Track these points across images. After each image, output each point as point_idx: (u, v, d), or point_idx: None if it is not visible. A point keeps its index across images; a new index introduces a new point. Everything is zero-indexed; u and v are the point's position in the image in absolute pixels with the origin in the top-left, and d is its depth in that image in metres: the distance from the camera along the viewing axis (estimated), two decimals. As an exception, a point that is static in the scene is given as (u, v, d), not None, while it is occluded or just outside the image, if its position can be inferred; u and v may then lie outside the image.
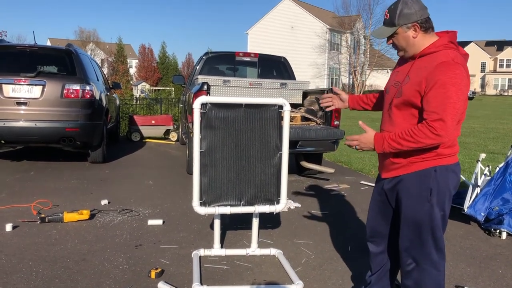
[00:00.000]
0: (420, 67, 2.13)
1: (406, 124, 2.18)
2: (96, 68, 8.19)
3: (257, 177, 3.22)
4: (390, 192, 2.36)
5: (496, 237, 4.08)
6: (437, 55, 2.10)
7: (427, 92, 2.05)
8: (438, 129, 2.01)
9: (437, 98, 2.01)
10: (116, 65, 35.80)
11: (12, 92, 6.19)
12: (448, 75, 2.01)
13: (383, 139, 2.18)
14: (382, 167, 2.39)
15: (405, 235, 2.29)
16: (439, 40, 2.16)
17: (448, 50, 2.11)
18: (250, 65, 8.02)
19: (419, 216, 2.22)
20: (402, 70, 2.26)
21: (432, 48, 2.14)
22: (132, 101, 14.60)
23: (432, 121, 2.02)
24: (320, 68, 44.06)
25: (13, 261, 3.24)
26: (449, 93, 2.00)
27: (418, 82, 2.10)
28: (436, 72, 2.04)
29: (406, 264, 2.31)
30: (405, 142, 2.10)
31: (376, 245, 2.55)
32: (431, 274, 2.26)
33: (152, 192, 5.42)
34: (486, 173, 4.62)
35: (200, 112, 3.08)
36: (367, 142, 2.24)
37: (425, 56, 2.15)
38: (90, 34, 58.35)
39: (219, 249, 3.49)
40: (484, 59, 68.56)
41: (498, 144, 10.70)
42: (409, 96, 2.14)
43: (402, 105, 2.19)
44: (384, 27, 2.23)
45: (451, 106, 2.00)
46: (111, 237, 3.80)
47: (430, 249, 2.24)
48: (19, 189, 5.38)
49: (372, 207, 2.54)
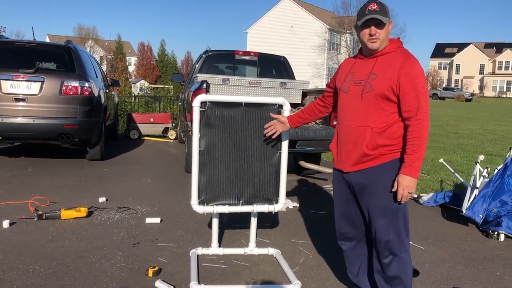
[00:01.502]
0: (384, 65, 2.35)
1: (376, 117, 2.35)
2: (95, 65, 8.17)
3: (256, 177, 3.21)
4: (358, 185, 2.47)
5: (494, 239, 4.08)
6: (396, 54, 2.36)
7: (402, 86, 2.28)
8: (424, 119, 2.26)
9: (413, 91, 2.26)
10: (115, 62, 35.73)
11: (10, 88, 6.16)
12: (417, 68, 2.30)
13: (410, 167, 2.28)
14: (347, 161, 2.48)
15: (381, 226, 2.42)
16: (393, 42, 2.42)
17: (404, 49, 2.41)
18: (250, 64, 8.00)
19: (393, 203, 2.38)
20: (360, 70, 2.44)
21: (389, 48, 2.39)
22: (131, 98, 14.58)
23: (417, 115, 2.26)
24: (319, 68, 44.06)
25: (10, 257, 3.23)
26: (421, 84, 2.28)
27: (389, 77, 2.30)
28: (406, 68, 2.28)
29: (384, 257, 2.46)
30: (420, 149, 2.26)
31: (349, 242, 2.71)
32: (408, 261, 2.46)
33: (150, 190, 5.41)
34: (485, 175, 4.63)
35: (199, 111, 3.07)
36: (410, 184, 2.29)
37: (385, 55, 2.38)
38: (89, 31, 58.38)
39: (217, 248, 3.48)
40: (483, 61, 68.69)
41: (496, 146, 10.72)
42: (381, 90, 2.32)
43: (373, 98, 2.35)
44: (382, 16, 2.33)
45: (425, 96, 2.28)
46: (108, 235, 3.79)
47: (403, 236, 2.43)
48: (16, 185, 5.36)
49: (337, 208, 2.70)
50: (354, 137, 2.41)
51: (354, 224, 2.64)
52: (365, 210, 2.50)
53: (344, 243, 2.72)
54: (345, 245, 2.72)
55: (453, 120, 19.18)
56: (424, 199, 5.20)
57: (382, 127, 2.34)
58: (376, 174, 2.39)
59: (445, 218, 4.69)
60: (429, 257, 3.60)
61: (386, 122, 2.34)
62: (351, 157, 2.45)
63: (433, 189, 5.79)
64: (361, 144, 2.38)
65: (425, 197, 5.23)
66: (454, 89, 54.71)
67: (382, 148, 2.36)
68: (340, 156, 2.53)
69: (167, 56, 45.48)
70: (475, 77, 68.81)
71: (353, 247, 2.70)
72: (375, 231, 2.45)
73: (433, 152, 9.20)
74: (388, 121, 2.34)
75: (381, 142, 2.35)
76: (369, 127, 2.36)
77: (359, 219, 2.61)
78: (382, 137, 2.35)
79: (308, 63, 42.90)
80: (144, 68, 49.41)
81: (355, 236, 2.67)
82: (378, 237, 2.44)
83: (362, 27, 2.37)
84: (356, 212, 2.60)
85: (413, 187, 2.29)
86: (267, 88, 6.25)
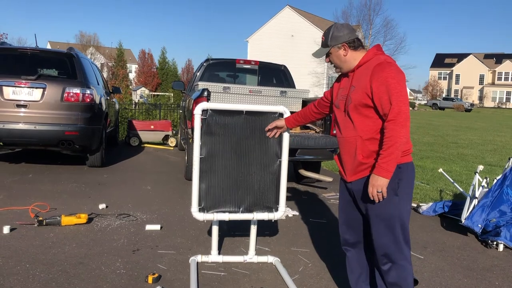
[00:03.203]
0: (360, 75, 2.44)
1: (363, 125, 2.42)
2: (96, 72, 8.21)
3: (256, 184, 3.23)
4: (359, 192, 2.52)
5: (493, 249, 4.08)
6: (371, 62, 2.43)
7: (374, 91, 2.33)
8: (396, 120, 2.26)
9: (386, 94, 2.30)
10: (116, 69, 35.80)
11: (12, 95, 6.20)
12: (387, 71, 2.33)
13: (379, 167, 2.30)
14: (348, 171, 2.55)
15: (378, 233, 2.45)
16: (369, 52, 2.49)
17: (378, 55, 2.45)
18: (250, 72, 8.05)
19: (389, 210, 2.40)
20: (344, 86, 2.57)
21: (365, 59, 2.47)
22: (131, 106, 14.61)
23: (389, 116, 2.28)
24: (320, 77, 44.16)
25: (10, 263, 3.24)
26: (393, 85, 2.30)
27: (363, 86, 2.39)
28: (376, 72, 2.34)
29: (382, 264, 2.49)
30: (392, 148, 2.27)
31: (352, 248, 2.74)
32: (407, 269, 2.47)
33: (150, 197, 5.42)
34: (484, 185, 4.64)
35: (200, 118, 3.10)
36: (378, 183, 2.30)
37: (362, 66, 2.47)
38: (90, 38, 58.60)
39: (216, 256, 3.48)
40: (482, 71, 68.91)
41: (495, 156, 10.74)
42: (359, 99, 2.40)
43: (354, 109, 2.44)
44: (321, 48, 2.57)
45: (398, 96, 2.28)
46: (108, 242, 3.79)
47: (401, 244, 2.44)
48: (17, 191, 5.37)
49: (341, 215, 2.74)
50: (348, 148, 2.50)
51: (356, 230, 2.68)
52: (366, 217, 2.55)
53: (348, 248, 2.75)
54: (349, 251, 2.75)
55: (453, 130, 19.22)
56: (423, 209, 5.21)
57: (371, 133, 2.40)
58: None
59: (444, 228, 4.70)
60: (428, 266, 3.61)
61: (374, 128, 2.40)
62: (349, 167, 2.53)
63: (432, 199, 5.80)
64: (355, 154, 2.46)
65: (424, 207, 5.24)
66: (453, 99, 54.86)
67: (376, 154, 2.39)
68: (342, 167, 2.63)
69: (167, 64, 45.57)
70: (474, 87, 68.97)
71: (356, 253, 2.73)
72: (373, 237, 2.49)
73: (432, 162, 9.22)
74: (376, 126, 2.40)
75: (374, 148, 2.40)
76: (359, 136, 2.43)
77: (360, 226, 2.66)
78: (373, 143, 2.40)
79: (308, 72, 43.01)
80: (144, 76, 49.51)
81: (357, 242, 2.70)
82: (376, 244, 2.48)
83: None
84: (358, 219, 2.64)
85: (382, 186, 2.30)
86: (267, 97, 6.29)
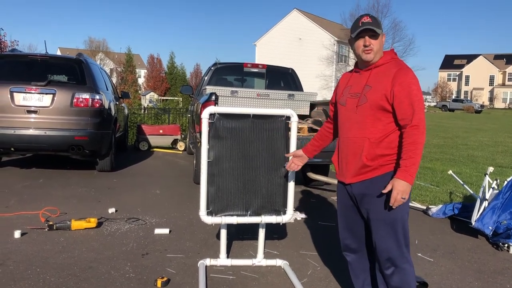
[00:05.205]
0: (379, 76, 2.40)
1: (373, 127, 2.39)
2: (105, 77, 8.27)
3: (264, 188, 3.23)
4: (360, 196, 2.49)
5: (504, 252, 4.04)
6: (390, 65, 2.41)
7: (396, 95, 2.31)
8: (419, 126, 2.27)
9: (407, 98, 2.30)
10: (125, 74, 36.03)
11: (23, 101, 6.27)
12: (410, 77, 2.34)
13: (405, 172, 2.27)
14: (349, 172, 2.50)
15: (382, 237, 2.43)
16: (387, 54, 2.47)
17: (397, 60, 2.45)
18: (258, 76, 8.06)
19: (394, 214, 2.39)
20: (356, 84, 2.50)
21: (382, 60, 2.44)
22: (140, 110, 14.70)
23: (412, 122, 2.28)
24: (328, 80, 44.10)
25: (21, 267, 3.27)
26: (415, 92, 2.31)
27: (383, 88, 2.35)
28: (400, 77, 2.33)
29: (385, 268, 2.47)
30: (416, 153, 2.26)
31: (353, 253, 2.72)
32: (410, 272, 2.46)
33: (159, 201, 5.44)
34: (494, 187, 4.60)
35: (208, 122, 3.11)
36: (404, 188, 2.27)
37: (379, 67, 2.43)
38: (99, 44, 59.04)
39: (225, 259, 3.49)
40: (492, 72, 68.33)
41: (506, 158, 10.63)
42: (376, 100, 2.37)
43: (368, 109, 2.40)
44: (372, 26, 2.38)
45: (419, 103, 2.31)
46: (118, 246, 3.82)
47: (403, 248, 2.44)
48: (27, 196, 5.43)
49: (341, 219, 2.71)
50: (353, 149, 2.46)
51: (357, 235, 2.65)
52: (367, 221, 2.52)
53: (349, 254, 2.73)
54: (350, 256, 2.73)
55: (463, 132, 19.07)
56: (433, 211, 5.18)
57: (379, 137, 2.38)
58: (376, 185, 2.40)
59: (454, 230, 4.66)
60: (438, 269, 3.58)
61: (384, 132, 2.38)
62: (352, 168, 2.48)
63: (442, 201, 5.76)
64: (360, 155, 2.42)
65: (434, 209, 5.20)
66: (463, 100, 54.43)
67: (381, 158, 2.38)
68: (341, 168, 2.58)
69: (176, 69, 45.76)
70: (484, 89, 68.39)
71: (357, 258, 2.70)
72: (376, 242, 2.46)
73: (442, 163, 9.16)
74: (386, 130, 2.38)
75: (380, 152, 2.38)
76: (367, 138, 2.40)
77: (362, 231, 2.62)
78: (380, 147, 2.38)
79: (316, 75, 42.99)
80: (153, 80, 49.77)
81: (358, 247, 2.68)
82: (379, 248, 2.45)
83: (356, 39, 2.43)
84: (359, 223, 2.61)
85: (407, 193, 2.28)
86: (275, 100, 6.29)
